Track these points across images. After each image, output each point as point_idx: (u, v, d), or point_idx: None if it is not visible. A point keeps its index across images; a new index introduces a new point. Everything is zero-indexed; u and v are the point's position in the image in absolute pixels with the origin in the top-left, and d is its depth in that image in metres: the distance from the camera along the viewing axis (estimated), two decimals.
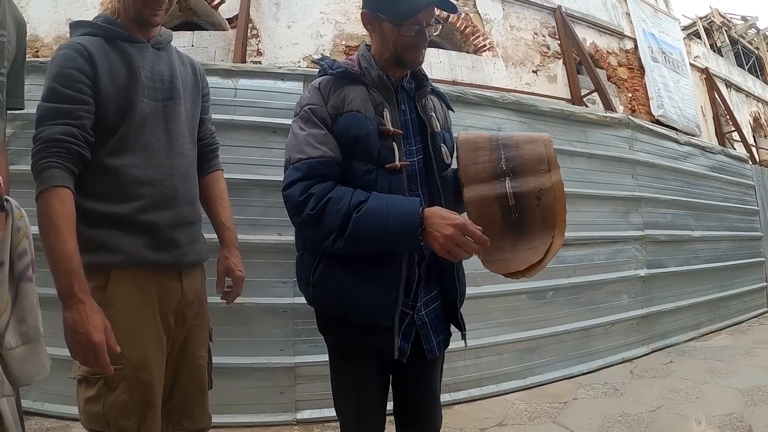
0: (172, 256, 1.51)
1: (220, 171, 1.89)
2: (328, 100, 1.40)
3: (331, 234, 1.28)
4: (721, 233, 5.93)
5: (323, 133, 1.36)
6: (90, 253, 1.35)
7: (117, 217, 1.42)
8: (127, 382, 1.36)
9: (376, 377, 1.49)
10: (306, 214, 1.30)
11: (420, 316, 1.43)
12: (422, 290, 1.44)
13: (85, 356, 1.26)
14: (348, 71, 1.44)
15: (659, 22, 10.39)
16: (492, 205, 1.35)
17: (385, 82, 1.44)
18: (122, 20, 1.54)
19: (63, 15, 6.11)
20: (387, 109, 1.41)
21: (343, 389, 1.54)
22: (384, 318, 1.36)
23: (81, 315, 1.25)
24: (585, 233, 4.26)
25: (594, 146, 4.50)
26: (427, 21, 1.39)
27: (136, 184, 1.45)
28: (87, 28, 1.51)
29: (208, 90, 1.84)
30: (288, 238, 3.03)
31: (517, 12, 8.24)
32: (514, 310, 3.78)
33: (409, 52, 1.42)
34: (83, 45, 1.43)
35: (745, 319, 6.03)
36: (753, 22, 19.63)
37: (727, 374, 3.88)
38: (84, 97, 1.39)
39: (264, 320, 3.05)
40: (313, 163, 1.32)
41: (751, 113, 13.72)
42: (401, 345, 1.40)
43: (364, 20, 1.48)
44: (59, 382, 1.74)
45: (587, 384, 3.77)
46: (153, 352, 1.44)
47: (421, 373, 1.54)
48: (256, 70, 3.50)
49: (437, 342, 1.48)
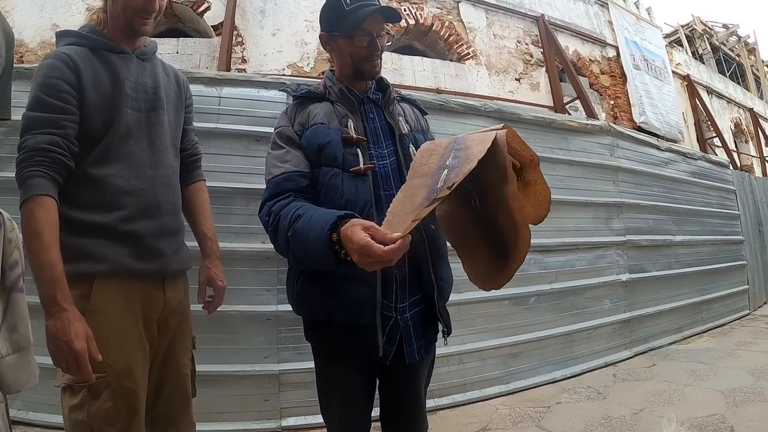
0: (156, 266, 1.53)
1: (203, 181, 1.91)
2: (295, 120, 1.54)
3: (284, 251, 1.37)
4: (702, 237, 6.00)
5: (285, 151, 1.48)
6: (73, 262, 1.36)
7: (101, 227, 1.44)
8: (111, 390, 1.37)
9: (361, 381, 1.51)
10: (269, 232, 1.40)
11: (404, 318, 1.45)
12: (402, 291, 1.45)
13: (67, 364, 1.27)
14: (311, 92, 1.59)
15: (641, 30, 10.54)
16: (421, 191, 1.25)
17: (348, 96, 1.55)
18: (109, 30, 1.56)
19: (48, 20, 6.07)
20: (351, 120, 1.50)
21: (328, 394, 1.56)
22: (365, 315, 1.39)
23: (63, 323, 1.26)
24: (567, 239, 4.31)
25: (576, 153, 4.55)
26: (376, 32, 1.51)
27: (119, 193, 1.47)
28: (73, 38, 1.53)
29: (191, 101, 1.86)
30: (271, 246, 3.04)
31: (500, 20, 8.32)
32: (497, 316, 3.80)
33: (365, 62, 1.53)
34: (69, 55, 1.45)
35: (727, 321, 6.10)
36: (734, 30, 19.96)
37: (709, 376, 3.93)
38: (69, 107, 1.41)
39: (248, 328, 3.05)
40: (276, 181, 1.43)
41: (732, 119, 13.92)
42: (386, 347, 1.42)
43: (322, 42, 1.63)
44: (45, 390, 1.73)
45: (570, 388, 3.80)
46: (136, 360, 1.45)
47: (404, 378, 1.55)
48: (240, 79, 3.50)
49: (418, 346, 1.48)
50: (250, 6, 6.49)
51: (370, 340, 1.40)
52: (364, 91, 1.59)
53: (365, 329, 1.40)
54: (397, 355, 1.44)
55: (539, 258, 4.12)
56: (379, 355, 1.40)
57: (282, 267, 2.91)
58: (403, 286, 1.45)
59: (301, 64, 6.38)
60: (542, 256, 4.14)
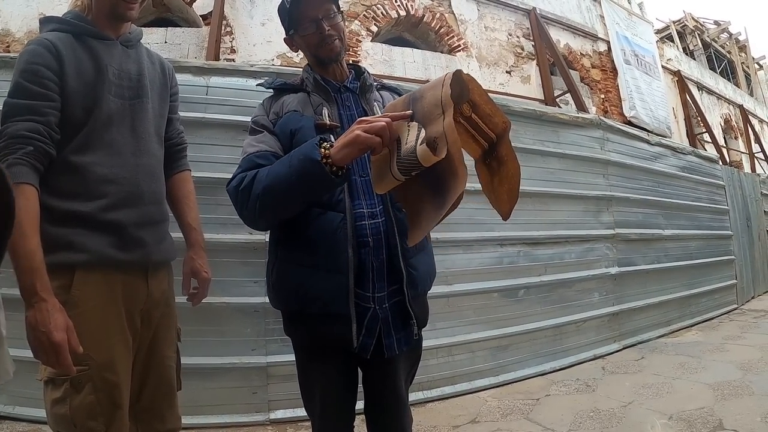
0: (138, 255, 1.50)
1: (188, 171, 1.88)
2: (270, 110, 1.56)
3: (254, 207, 1.35)
4: (691, 232, 6.05)
5: (261, 134, 1.50)
6: (54, 252, 1.33)
7: (81, 216, 1.41)
8: (93, 383, 1.35)
9: (341, 375, 1.49)
10: (239, 194, 1.37)
11: (383, 309, 1.42)
12: (380, 280, 1.42)
13: (47, 356, 1.24)
14: (286, 83, 1.62)
15: (633, 26, 10.57)
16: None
17: (322, 85, 1.55)
18: (93, 16, 1.53)
19: (35, 10, 5.98)
20: (326, 108, 1.50)
21: (309, 387, 1.55)
22: (337, 304, 1.37)
23: (43, 314, 1.23)
24: (556, 232, 4.32)
25: (566, 146, 4.56)
26: (322, 14, 1.51)
27: (100, 182, 1.44)
28: (56, 24, 1.51)
29: (177, 89, 1.84)
30: (259, 237, 3.01)
31: (492, 13, 8.31)
32: (486, 308, 3.80)
33: (320, 48, 1.54)
34: (51, 41, 1.42)
35: (715, 315, 6.16)
36: (725, 27, 20.02)
37: (697, 369, 3.96)
38: (50, 93, 1.39)
39: (235, 320, 3.03)
40: (249, 158, 1.43)
41: (722, 115, 14.03)
42: (365, 341, 1.40)
43: (288, 44, 1.66)
44: (31, 384, 1.71)
45: (559, 380, 3.81)
46: (119, 353, 1.42)
47: (383, 371, 1.53)
48: (228, 68, 3.46)
49: (397, 339, 1.45)
50: None
51: (343, 331, 1.38)
52: (341, 80, 1.60)
53: (338, 319, 1.38)
54: (376, 348, 1.42)
55: (528, 251, 4.12)
56: (353, 347, 1.38)
57: None
58: (380, 274, 1.42)
59: (291, 54, 6.31)
60: (531, 248, 4.15)
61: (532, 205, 4.14)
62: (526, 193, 4.07)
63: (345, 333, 1.38)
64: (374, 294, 1.41)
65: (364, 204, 1.43)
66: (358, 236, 1.40)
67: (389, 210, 1.44)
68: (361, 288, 1.40)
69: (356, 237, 1.39)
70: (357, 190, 1.43)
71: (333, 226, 1.38)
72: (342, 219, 1.38)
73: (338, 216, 1.39)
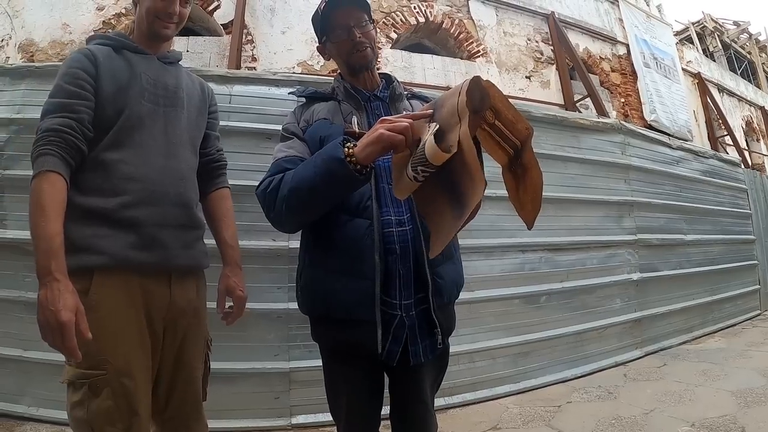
0: (157, 257, 1.49)
1: (227, 189, 1.89)
2: (301, 118, 1.60)
3: (281, 209, 1.38)
4: (713, 237, 5.97)
5: (291, 141, 1.54)
6: (73, 254, 1.35)
7: (102, 213, 1.43)
8: (111, 388, 1.35)
9: (366, 381, 1.50)
10: (267, 196, 1.41)
11: (410, 316, 1.43)
12: (407, 288, 1.43)
13: (53, 336, 1.23)
14: (317, 92, 1.66)
15: (651, 28, 10.48)
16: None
17: (352, 94, 1.58)
18: (135, 37, 1.65)
19: (58, 20, 6.10)
20: (356, 116, 1.52)
21: (334, 392, 1.56)
22: (362, 310, 1.39)
23: (53, 293, 1.23)
24: (578, 238, 4.30)
25: (587, 151, 4.54)
26: (353, 22, 1.54)
27: (124, 179, 1.48)
28: (99, 39, 1.63)
29: (215, 107, 1.89)
30: (282, 243, 3.04)
31: (510, 18, 8.29)
32: (508, 315, 3.79)
33: (351, 55, 1.57)
34: (90, 50, 1.54)
35: (738, 321, 6.06)
36: (745, 27, 19.78)
37: (720, 377, 3.90)
38: (84, 92, 1.47)
39: (259, 325, 3.06)
40: (278, 163, 1.48)
41: (744, 117, 13.82)
42: (391, 348, 1.40)
43: (321, 52, 1.69)
44: (53, 387, 1.74)
45: (581, 388, 3.78)
46: (137, 359, 1.43)
47: (410, 377, 1.52)
48: (250, 77, 3.51)
49: (423, 346, 1.45)
50: (259, 4, 6.50)
51: (368, 337, 1.38)
52: (371, 89, 1.62)
53: (363, 325, 1.39)
54: (402, 355, 1.43)
55: (550, 257, 4.11)
56: (378, 352, 1.39)
57: (293, 265, 2.91)
58: (407, 282, 1.43)
59: (311, 62, 6.37)
60: (553, 254, 4.13)
61: (553, 211, 4.12)
62: (548, 199, 4.02)
63: (369, 339, 1.38)
64: (401, 301, 1.42)
65: (392, 211, 1.44)
66: (385, 243, 1.41)
67: (416, 218, 1.45)
68: (387, 295, 1.41)
69: (383, 244, 1.41)
70: (385, 197, 1.45)
71: (360, 232, 1.40)
72: (369, 225, 1.40)
73: (365, 222, 1.40)
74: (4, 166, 3.05)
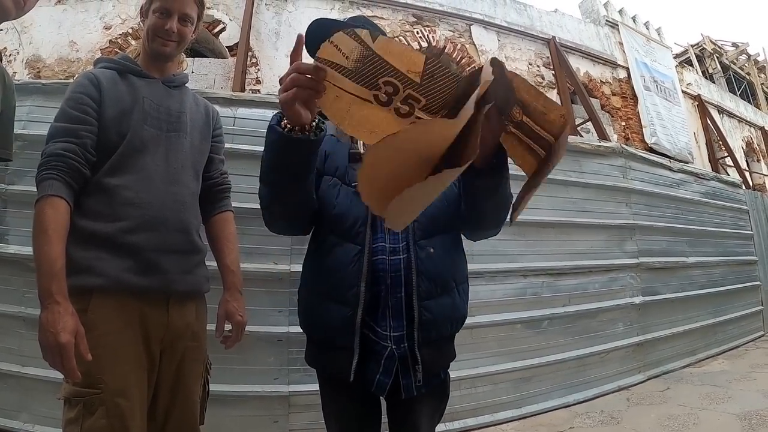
0: (156, 282, 1.51)
1: (230, 212, 1.90)
2: None
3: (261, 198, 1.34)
4: (715, 259, 5.95)
5: None
6: (74, 275, 1.38)
7: (103, 237, 1.46)
8: (105, 408, 1.36)
9: (360, 408, 1.47)
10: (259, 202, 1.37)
11: (400, 348, 1.37)
12: (396, 319, 1.38)
13: (53, 357, 1.27)
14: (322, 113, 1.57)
15: (651, 51, 10.59)
16: None
17: None
18: (141, 60, 1.69)
19: (66, 37, 6.21)
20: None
21: (327, 415, 1.54)
22: (340, 335, 1.36)
23: (54, 315, 1.27)
24: (580, 262, 4.28)
25: (588, 175, 4.54)
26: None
27: (125, 204, 1.50)
28: (105, 63, 1.67)
29: (220, 131, 1.91)
30: (283, 267, 3.04)
31: (512, 43, 8.40)
32: (509, 340, 3.77)
33: None
34: (95, 74, 1.58)
35: (741, 343, 6.02)
36: (744, 48, 19.96)
37: (724, 399, 3.87)
38: (88, 118, 1.51)
39: (258, 348, 3.04)
40: None
41: (744, 138, 13.89)
42: (381, 380, 1.37)
43: None
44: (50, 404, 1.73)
45: (583, 413, 3.74)
46: (133, 379, 1.44)
47: (405, 409, 1.48)
48: (255, 99, 3.54)
49: (416, 380, 1.39)
50: (264, 27, 6.59)
51: (343, 364, 1.35)
52: None
53: (341, 351, 1.36)
54: (395, 387, 1.38)
55: (552, 281, 4.09)
56: (351, 380, 1.34)
57: (294, 288, 2.91)
58: (397, 312, 1.37)
59: None
60: (555, 279, 4.12)
61: (555, 235, 4.12)
62: (549, 223, 4.08)
63: (345, 365, 1.35)
64: (391, 333, 1.37)
65: (387, 238, 1.39)
66: (375, 271, 1.37)
67: (411, 248, 1.39)
68: (378, 325, 1.38)
69: (372, 272, 1.37)
70: (380, 224, 1.39)
71: (348, 258, 1.37)
72: (358, 252, 1.36)
73: (355, 248, 1.37)
74: (9, 181, 3.06)
